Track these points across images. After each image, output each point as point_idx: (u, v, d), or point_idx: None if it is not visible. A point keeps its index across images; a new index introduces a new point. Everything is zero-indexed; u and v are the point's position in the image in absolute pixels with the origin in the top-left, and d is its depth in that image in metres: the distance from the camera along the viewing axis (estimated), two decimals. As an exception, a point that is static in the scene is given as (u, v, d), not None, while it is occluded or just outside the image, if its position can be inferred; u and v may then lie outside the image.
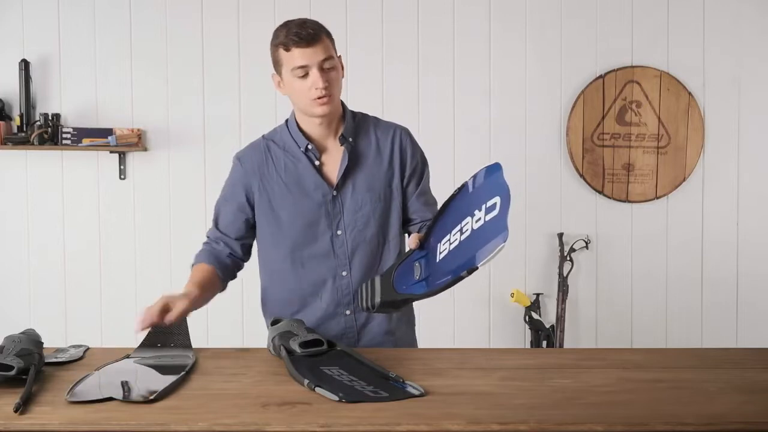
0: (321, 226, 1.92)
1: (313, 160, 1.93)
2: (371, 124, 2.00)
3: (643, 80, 3.76)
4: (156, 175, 3.74)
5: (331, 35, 1.89)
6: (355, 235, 1.92)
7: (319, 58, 1.82)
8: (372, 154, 1.96)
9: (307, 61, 1.82)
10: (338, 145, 1.94)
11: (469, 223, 1.63)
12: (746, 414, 1.30)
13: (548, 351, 3.02)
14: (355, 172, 1.94)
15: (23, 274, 3.73)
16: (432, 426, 1.24)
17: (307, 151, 1.93)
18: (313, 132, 1.94)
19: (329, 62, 1.84)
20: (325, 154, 1.95)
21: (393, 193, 1.95)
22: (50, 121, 3.59)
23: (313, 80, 1.82)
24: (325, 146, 1.95)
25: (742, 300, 3.81)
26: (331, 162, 1.94)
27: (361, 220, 1.92)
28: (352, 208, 1.92)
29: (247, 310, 3.75)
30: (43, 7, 3.69)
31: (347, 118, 1.96)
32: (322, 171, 1.94)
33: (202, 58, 3.73)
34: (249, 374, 1.55)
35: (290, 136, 1.96)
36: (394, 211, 1.96)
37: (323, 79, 1.82)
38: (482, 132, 3.76)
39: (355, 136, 1.95)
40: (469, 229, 1.63)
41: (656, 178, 3.77)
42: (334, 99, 1.87)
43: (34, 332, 1.60)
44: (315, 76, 1.82)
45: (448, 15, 3.74)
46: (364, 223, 1.92)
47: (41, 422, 1.27)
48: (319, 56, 1.82)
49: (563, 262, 3.75)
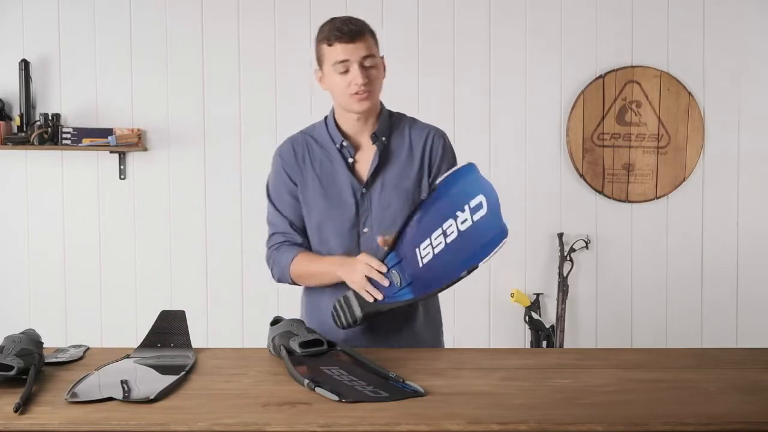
0: (349, 222, 1.93)
1: (347, 157, 1.95)
2: (407, 124, 2.01)
3: (643, 80, 3.76)
4: (156, 175, 3.74)
5: (375, 35, 1.91)
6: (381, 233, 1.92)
7: (360, 54, 1.84)
8: (404, 153, 1.96)
9: (349, 57, 1.83)
10: (371, 144, 1.95)
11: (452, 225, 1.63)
12: (746, 414, 1.30)
13: (548, 351, 3.02)
14: (386, 170, 1.95)
15: (23, 274, 3.73)
16: (432, 426, 1.24)
17: (341, 148, 1.95)
18: (349, 129, 1.96)
19: (370, 60, 1.85)
20: (360, 152, 1.96)
21: (423, 193, 1.95)
22: (50, 121, 3.59)
23: (353, 76, 1.84)
24: (360, 144, 1.97)
25: (742, 300, 3.81)
26: (365, 160, 1.95)
27: (389, 218, 1.92)
28: (380, 206, 1.93)
29: (247, 310, 3.75)
30: (43, 7, 3.69)
31: (383, 117, 1.97)
32: (354, 168, 1.95)
33: (202, 58, 3.73)
34: (249, 374, 1.55)
35: (327, 133, 1.97)
36: None
37: (363, 75, 1.84)
38: (482, 132, 3.76)
39: (388, 135, 1.97)
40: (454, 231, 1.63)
41: (656, 178, 3.77)
42: (372, 96, 1.88)
43: (34, 332, 1.60)
44: (355, 71, 1.84)
45: (448, 15, 3.74)
46: (390, 222, 1.92)
47: (41, 422, 1.27)
48: (360, 53, 1.84)
49: (563, 262, 3.75)
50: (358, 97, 1.86)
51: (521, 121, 3.78)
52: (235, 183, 3.74)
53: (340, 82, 1.86)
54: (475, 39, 3.76)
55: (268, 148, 3.64)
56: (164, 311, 1.79)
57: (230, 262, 3.74)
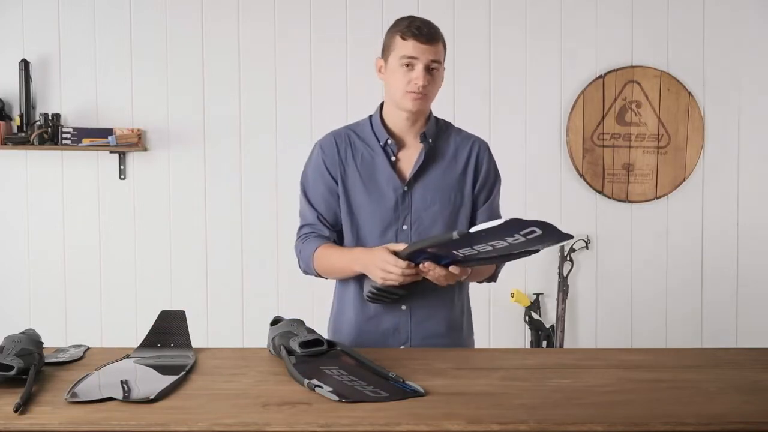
0: (388, 219, 1.94)
1: (390, 155, 1.96)
2: (453, 131, 2.04)
3: (643, 80, 3.76)
4: (156, 175, 3.74)
5: (446, 46, 1.94)
6: (420, 233, 1.94)
7: (429, 57, 1.86)
8: (448, 158, 1.99)
9: (418, 55, 1.86)
10: (417, 143, 1.97)
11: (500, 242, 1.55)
12: (746, 414, 1.30)
13: (548, 351, 3.01)
14: (429, 171, 1.96)
15: (23, 274, 3.73)
16: (432, 426, 1.24)
17: (386, 146, 1.96)
18: (396, 127, 1.97)
19: (436, 65, 1.88)
20: (403, 151, 1.98)
21: (464, 199, 1.98)
22: (50, 121, 3.59)
23: (416, 75, 1.86)
24: (404, 143, 1.98)
25: (742, 300, 3.82)
26: (407, 159, 1.97)
27: (428, 218, 1.94)
28: (421, 206, 1.95)
29: (247, 310, 3.76)
30: (43, 7, 3.69)
31: (431, 121, 2.00)
32: (396, 166, 1.97)
33: (202, 59, 3.73)
34: (249, 374, 1.55)
35: (371, 130, 1.99)
36: (462, 216, 1.98)
37: (425, 77, 1.86)
38: (483, 132, 3.73)
39: (435, 138, 1.99)
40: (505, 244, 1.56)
41: (656, 178, 3.78)
42: (427, 99, 1.91)
43: (34, 332, 1.60)
44: (419, 71, 1.86)
45: (448, 15, 3.74)
46: (430, 221, 1.94)
47: (41, 422, 1.26)
48: (429, 55, 1.86)
49: (563, 262, 3.75)
50: (414, 96, 1.88)
51: (521, 121, 3.79)
52: (235, 183, 3.74)
53: (402, 77, 1.88)
54: (475, 39, 3.76)
55: (268, 148, 3.72)
56: (164, 311, 1.79)
57: (230, 262, 3.74)
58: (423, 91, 1.87)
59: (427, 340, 1.95)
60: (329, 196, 1.98)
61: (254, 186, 3.73)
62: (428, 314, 1.95)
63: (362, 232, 1.96)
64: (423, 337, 1.95)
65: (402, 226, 1.94)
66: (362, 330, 1.96)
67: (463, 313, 2.04)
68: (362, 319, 1.96)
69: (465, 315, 2.05)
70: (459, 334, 2.02)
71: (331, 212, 1.99)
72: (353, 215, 1.96)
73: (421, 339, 1.95)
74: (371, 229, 1.95)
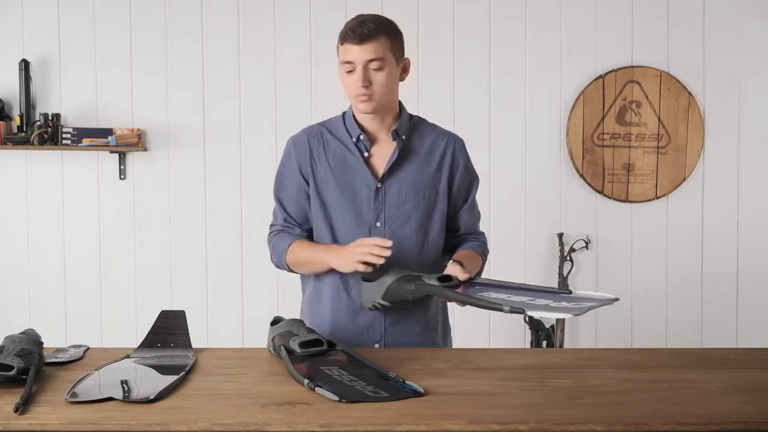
0: (361, 216, 1.94)
1: (363, 151, 1.96)
2: (427, 128, 2.03)
3: (643, 80, 3.76)
4: (156, 175, 3.74)
5: (396, 37, 1.91)
6: (394, 230, 1.93)
7: (365, 57, 1.85)
8: (422, 154, 1.98)
9: (353, 58, 1.85)
10: (390, 140, 1.97)
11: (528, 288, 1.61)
12: (746, 414, 1.30)
13: (548, 351, 3.02)
14: (403, 168, 1.96)
15: (23, 274, 3.73)
16: (432, 426, 1.24)
17: (358, 142, 1.96)
18: (367, 124, 1.97)
19: (377, 63, 1.86)
20: (375, 147, 1.97)
21: (438, 196, 1.97)
22: (50, 121, 3.59)
23: (354, 79, 1.86)
24: (376, 139, 1.98)
25: (742, 300, 3.81)
26: (380, 155, 1.96)
27: (402, 215, 1.94)
28: (395, 203, 1.94)
29: (247, 310, 3.75)
30: (43, 7, 3.69)
31: (403, 118, 1.98)
32: (369, 162, 1.96)
33: (202, 58, 3.73)
34: (249, 374, 1.55)
35: (344, 126, 1.99)
36: (437, 214, 1.98)
37: (364, 78, 1.85)
38: (482, 132, 3.76)
39: (408, 135, 1.98)
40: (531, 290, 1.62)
41: (656, 178, 3.77)
42: (374, 99, 1.88)
43: (34, 332, 1.60)
44: (357, 74, 1.85)
45: (448, 15, 3.74)
46: (404, 219, 1.94)
47: (41, 422, 1.26)
48: (365, 56, 1.85)
49: (563, 262, 3.75)
50: (359, 99, 1.88)
51: (521, 121, 3.78)
52: (235, 183, 3.74)
53: (347, 81, 1.89)
54: (475, 39, 3.76)
55: (268, 148, 3.72)
56: (164, 311, 1.79)
57: (230, 262, 3.74)
58: (367, 92, 1.86)
59: (402, 338, 1.94)
60: (298, 194, 1.98)
61: (254, 186, 3.73)
62: (402, 314, 1.94)
63: (336, 228, 1.95)
64: (397, 335, 1.94)
65: (375, 223, 1.94)
66: (338, 326, 1.95)
67: (438, 313, 2.03)
68: (338, 316, 1.95)
69: (440, 314, 2.05)
70: (434, 333, 2.01)
71: (302, 211, 1.99)
72: (326, 211, 1.96)
73: (395, 338, 1.94)
74: (345, 225, 1.94)
